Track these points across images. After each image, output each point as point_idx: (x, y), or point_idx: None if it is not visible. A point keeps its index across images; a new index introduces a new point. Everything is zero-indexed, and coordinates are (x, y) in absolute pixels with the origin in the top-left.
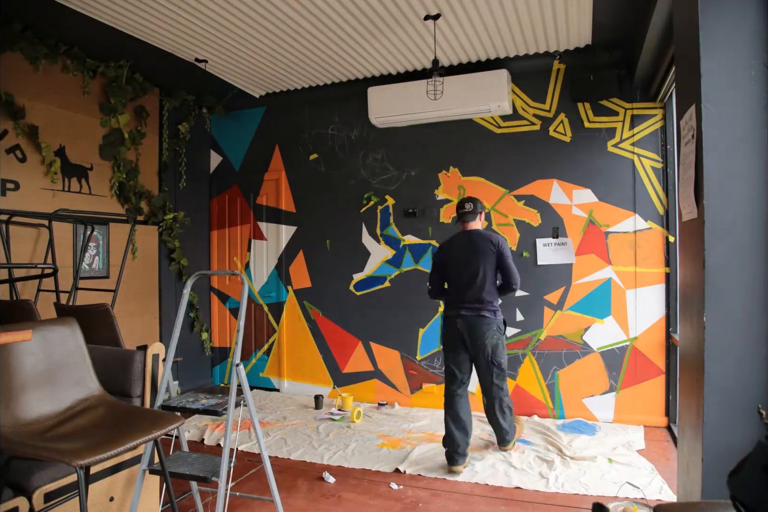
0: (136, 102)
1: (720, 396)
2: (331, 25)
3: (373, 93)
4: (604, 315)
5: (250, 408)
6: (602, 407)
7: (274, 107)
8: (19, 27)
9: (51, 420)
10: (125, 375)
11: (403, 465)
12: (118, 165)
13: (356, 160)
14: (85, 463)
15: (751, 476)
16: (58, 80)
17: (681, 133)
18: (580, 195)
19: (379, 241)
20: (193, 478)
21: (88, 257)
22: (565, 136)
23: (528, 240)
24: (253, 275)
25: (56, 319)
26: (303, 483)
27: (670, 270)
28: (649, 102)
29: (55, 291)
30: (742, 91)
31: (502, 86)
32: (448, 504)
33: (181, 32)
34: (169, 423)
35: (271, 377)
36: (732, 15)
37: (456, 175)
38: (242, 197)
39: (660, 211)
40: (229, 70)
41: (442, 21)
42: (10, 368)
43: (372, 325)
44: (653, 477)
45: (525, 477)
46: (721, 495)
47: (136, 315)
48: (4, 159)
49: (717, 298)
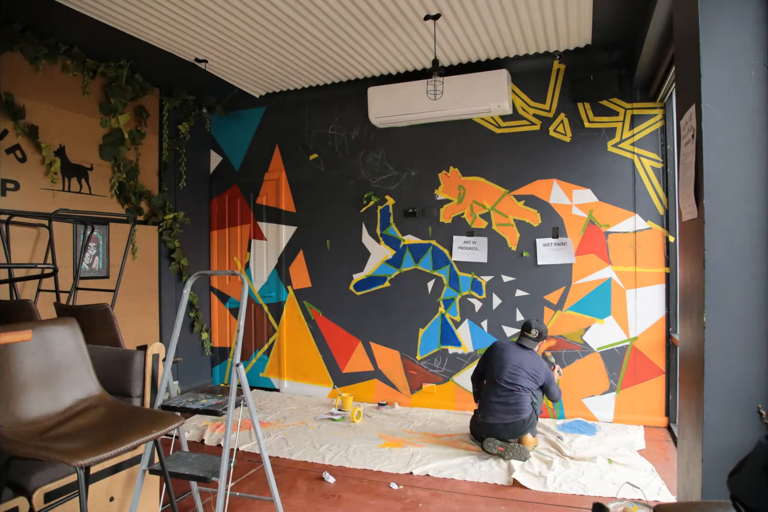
0: (136, 102)
1: (720, 396)
2: (331, 25)
3: (373, 93)
4: (604, 315)
5: (250, 408)
6: (602, 407)
7: (274, 107)
8: (19, 27)
9: (51, 420)
10: (125, 375)
11: (410, 466)
12: (118, 165)
13: (356, 160)
14: (85, 463)
15: (751, 476)
16: (58, 80)
17: (681, 133)
18: (580, 195)
19: (379, 241)
20: (193, 478)
21: (88, 257)
22: (565, 136)
23: (528, 240)
24: (253, 275)
25: (56, 319)
26: (303, 483)
27: (670, 270)
28: (649, 102)
29: (55, 291)
30: (742, 91)
31: (502, 86)
32: (448, 504)
33: (181, 32)
34: (169, 423)
35: (271, 377)
36: (732, 15)
37: (456, 175)
38: (242, 197)
39: (660, 211)
40: (229, 70)
41: (442, 21)
42: (10, 368)
43: (372, 325)
44: (653, 477)
45: (525, 477)
46: (721, 495)
47: (136, 315)
48: (4, 159)
49: (717, 298)
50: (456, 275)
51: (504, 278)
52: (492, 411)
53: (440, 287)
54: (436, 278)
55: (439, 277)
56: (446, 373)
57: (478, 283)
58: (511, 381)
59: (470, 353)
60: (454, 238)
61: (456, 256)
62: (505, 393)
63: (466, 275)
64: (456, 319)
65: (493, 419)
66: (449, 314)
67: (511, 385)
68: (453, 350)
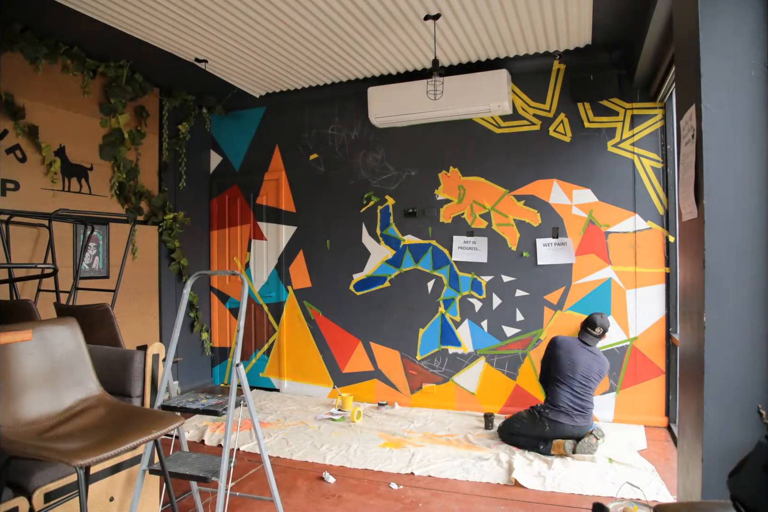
0: (136, 102)
1: (720, 396)
2: (331, 25)
3: (373, 93)
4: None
5: (250, 408)
6: (602, 407)
7: (274, 107)
8: (19, 27)
9: (51, 420)
10: (125, 375)
11: (411, 466)
12: (118, 165)
13: (356, 160)
14: (85, 463)
15: (751, 476)
16: (58, 80)
17: (681, 133)
18: (580, 195)
19: (379, 241)
20: (193, 478)
21: (88, 257)
22: (565, 136)
23: (528, 240)
24: (253, 275)
25: (56, 319)
26: (303, 483)
27: (670, 270)
28: (649, 102)
29: (55, 291)
30: (742, 91)
31: (502, 86)
32: (448, 504)
33: (181, 32)
34: (169, 423)
35: (271, 377)
36: (732, 15)
37: (456, 175)
38: (242, 197)
39: (660, 211)
40: (229, 70)
41: (442, 21)
42: (10, 368)
43: (372, 325)
44: (653, 477)
45: (525, 477)
46: (721, 495)
47: (136, 315)
48: (4, 159)
49: (717, 298)
50: (456, 275)
51: (504, 278)
52: (566, 413)
53: (440, 287)
54: (436, 278)
55: (439, 277)
56: (446, 373)
57: (478, 283)
58: (584, 383)
59: (470, 353)
60: (454, 238)
61: (456, 256)
62: (577, 395)
63: (466, 275)
64: (456, 319)
65: (567, 420)
66: (449, 314)
67: (584, 387)
68: (453, 350)
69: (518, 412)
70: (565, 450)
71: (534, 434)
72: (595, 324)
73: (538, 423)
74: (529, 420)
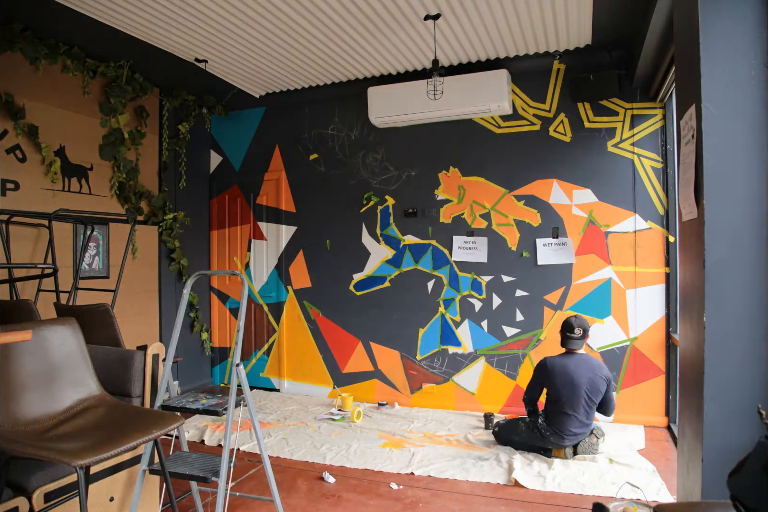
0: (136, 102)
1: (720, 396)
2: (331, 25)
3: (373, 93)
4: (604, 315)
5: (250, 408)
6: None
7: (274, 107)
8: (19, 27)
9: (51, 420)
10: (125, 375)
11: (411, 466)
12: (118, 165)
13: (356, 160)
14: (85, 463)
15: (751, 476)
16: (58, 80)
17: (681, 133)
18: (580, 195)
19: (379, 241)
20: (193, 478)
21: (88, 257)
22: (565, 136)
23: (528, 240)
24: (253, 275)
25: (56, 319)
26: (303, 483)
27: (670, 270)
28: (649, 102)
29: (55, 291)
30: (742, 91)
31: (502, 86)
32: (448, 504)
33: (181, 32)
34: (169, 423)
35: (271, 377)
36: (732, 15)
37: (456, 175)
38: (242, 197)
39: (660, 211)
40: (229, 70)
41: (442, 21)
42: (10, 368)
43: (372, 325)
44: (653, 477)
45: (525, 477)
46: (721, 495)
47: (136, 315)
48: (4, 159)
49: (717, 298)
50: (456, 275)
51: (504, 278)
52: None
53: (440, 287)
54: (436, 278)
55: (439, 277)
56: (446, 373)
57: (478, 283)
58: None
59: (470, 353)
60: (454, 238)
61: (456, 256)
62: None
63: (466, 275)
64: (456, 319)
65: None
66: (449, 314)
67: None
68: (453, 350)
69: (516, 422)
70: (566, 456)
71: (534, 445)
72: (572, 327)
73: (538, 437)
74: (528, 434)
